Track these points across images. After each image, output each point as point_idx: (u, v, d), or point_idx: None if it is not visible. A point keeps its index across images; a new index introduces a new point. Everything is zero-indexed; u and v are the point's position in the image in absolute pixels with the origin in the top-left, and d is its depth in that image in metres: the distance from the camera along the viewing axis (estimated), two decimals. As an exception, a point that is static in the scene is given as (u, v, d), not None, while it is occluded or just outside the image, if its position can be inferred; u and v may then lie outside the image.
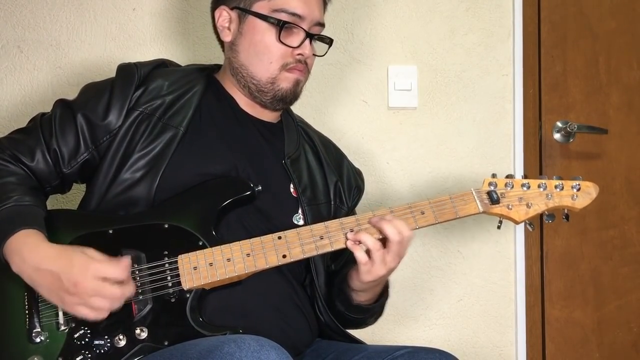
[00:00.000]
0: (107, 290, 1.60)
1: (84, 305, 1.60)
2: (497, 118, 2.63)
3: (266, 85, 1.91)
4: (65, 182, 1.90)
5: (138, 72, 1.89)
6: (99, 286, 1.59)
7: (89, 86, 1.94)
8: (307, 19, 1.89)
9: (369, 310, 1.93)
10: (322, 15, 1.94)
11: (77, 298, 1.59)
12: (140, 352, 1.64)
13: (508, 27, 2.64)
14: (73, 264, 1.61)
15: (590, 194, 1.85)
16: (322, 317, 1.92)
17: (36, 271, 1.62)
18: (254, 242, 1.74)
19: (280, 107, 1.97)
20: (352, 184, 2.11)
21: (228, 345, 1.47)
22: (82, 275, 1.60)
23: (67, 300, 1.61)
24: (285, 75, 1.90)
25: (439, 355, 1.73)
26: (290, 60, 1.89)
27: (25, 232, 1.66)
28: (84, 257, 1.63)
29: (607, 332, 2.67)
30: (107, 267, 1.62)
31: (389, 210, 1.79)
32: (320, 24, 1.94)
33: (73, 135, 1.84)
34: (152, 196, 1.79)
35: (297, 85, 1.93)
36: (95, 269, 1.60)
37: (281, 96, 1.92)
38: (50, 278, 1.61)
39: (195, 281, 1.69)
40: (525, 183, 1.84)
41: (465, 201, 1.82)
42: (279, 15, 1.87)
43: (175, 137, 1.85)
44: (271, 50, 1.88)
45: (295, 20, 1.88)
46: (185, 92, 1.91)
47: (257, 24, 1.89)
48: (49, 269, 1.61)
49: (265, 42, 1.89)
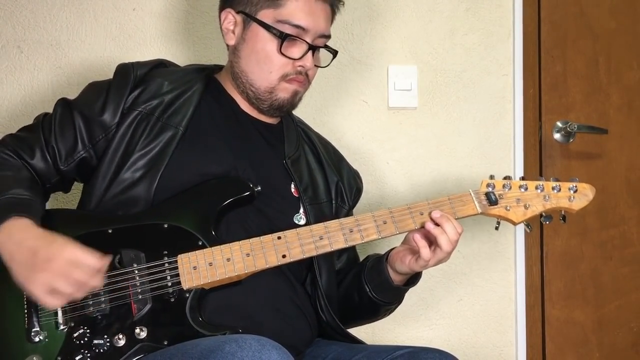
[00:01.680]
0: (74, 274, 1.59)
1: (46, 285, 1.59)
2: (497, 118, 2.63)
3: (264, 94, 1.91)
4: (65, 180, 1.91)
5: (134, 72, 1.90)
6: (69, 269, 1.58)
7: (90, 85, 1.95)
8: (311, 31, 1.87)
9: (404, 292, 1.96)
10: (327, 27, 1.92)
11: (44, 275, 1.58)
12: (139, 351, 1.64)
13: (508, 27, 2.64)
14: (52, 243, 1.62)
15: (587, 195, 1.86)
16: (324, 316, 1.92)
17: (17, 245, 1.62)
18: (253, 242, 1.74)
19: (277, 115, 1.98)
20: (353, 185, 2.12)
21: (229, 344, 1.47)
22: (58, 253, 1.59)
23: (32, 277, 1.59)
24: (285, 85, 1.90)
25: (439, 355, 1.73)
26: (290, 71, 1.88)
27: (19, 218, 1.66)
28: (66, 240, 1.63)
29: (607, 332, 2.67)
30: (84, 253, 1.61)
31: (388, 211, 1.79)
32: (325, 35, 1.92)
33: (71, 133, 1.85)
34: (152, 196, 1.79)
35: (295, 95, 1.92)
36: (71, 252, 1.60)
37: (278, 105, 1.92)
38: (27, 253, 1.61)
39: (195, 281, 1.69)
40: (523, 184, 1.86)
41: (463, 202, 1.83)
42: (282, 26, 1.86)
43: (175, 137, 1.85)
44: (272, 60, 1.87)
45: (298, 32, 1.86)
46: (184, 92, 1.91)
47: (260, 32, 1.88)
48: (29, 245, 1.61)
49: (267, 51, 1.87)
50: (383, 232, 1.78)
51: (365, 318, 2.05)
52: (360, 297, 1.95)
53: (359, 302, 1.95)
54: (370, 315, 2.03)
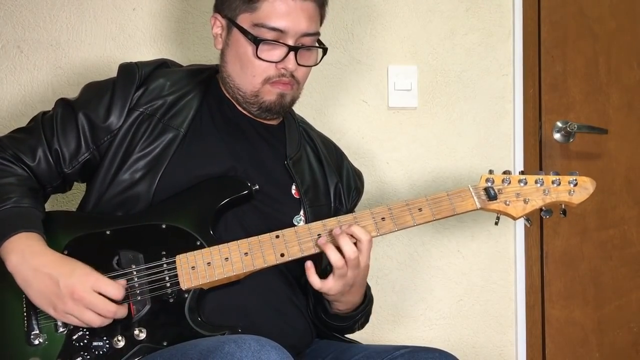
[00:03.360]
0: (102, 305, 1.61)
1: (75, 315, 1.61)
2: (497, 118, 2.63)
3: (251, 97, 1.88)
4: (67, 182, 1.90)
5: (139, 72, 1.89)
6: (95, 299, 1.61)
7: (90, 85, 1.93)
8: (291, 32, 1.82)
9: (349, 319, 1.91)
10: (310, 25, 1.84)
11: (70, 306, 1.60)
12: (139, 352, 1.64)
13: (508, 27, 2.64)
14: (73, 272, 1.63)
15: (587, 189, 1.84)
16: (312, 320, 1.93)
17: (34, 272, 1.63)
18: (251, 241, 1.73)
19: (269, 117, 1.95)
20: (352, 186, 2.10)
21: (228, 345, 1.46)
22: (81, 285, 1.61)
23: (59, 306, 1.61)
24: (268, 88, 1.86)
25: (439, 355, 1.72)
26: (273, 74, 1.84)
27: (26, 234, 1.66)
28: (86, 268, 1.64)
29: (607, 332, 2.67)
30: (106, 283, 1.63)
31: (387, 208, 1.79)
32: (310, 34, 1.85)
33: (74, 135, 1.84)
34: (151, 197, 1.79)
35: (282, 98, 1.88)
36: (95, 281, 1.62)
37: (266, 108, 1.89)
38: (47, 281, 1.62)
39: (194, 281, 1.69)
40: (522, 179, 1.84)
41: (462, 197, 1.82)
42: (258, 30, 1.81)
43: (176, 139, 1.84)
44: (253, 65, 1.84)
45: (276, 35, 1.81)
46: (186, 93, 1.90)
47: (239, 37, 1.84)
48: (49, 273, 1.62)
49: (248, 55, 1.84)
50: (381, 229, 1.78)
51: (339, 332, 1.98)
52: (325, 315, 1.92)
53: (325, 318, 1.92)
54: (341, 331, 1.97)
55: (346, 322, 1.91)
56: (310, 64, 1.91)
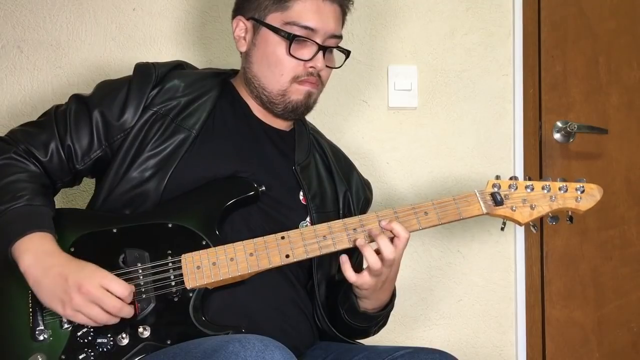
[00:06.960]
0: (108, 301, 1.61)
1: (82, 311, 1.61)
2: (497, 118, 2.63)
3: (277, 97, 1.90)
4: (77, 177, 1.91)
5: (156, 72, 1.90)
6: (102, 295, 1.61)
7: (104, 83, 1.94)
8: (320, 31, 1.87)
9: (374, 318, 1.91)
10: (337, 27, 1.91)
11: (77, 300, 1.60)
12: (142, 350, 1.64)
13: (508, 27, 2.64)
14: (83, 269, 1.64)
15: (594, 196, 1.85)
16: (320, 324, 1.93)
17: (46, 271, 1.63)
18: (257, 242, 1.73)
19: (292, 118, 1.98)
20: (361, 196, 2.11)
21: (232, 344, 1.47)
22: (89, 279, 1.61)
23: (67, 301, 1.61)
24: (297, 87, 1.89)
25: (439, 355, 1.73)
26: (301, 72, 1.88)
27: (39, 234, 1.67)
28: (95, 266, 1.65)
29: (607, 332, 2.67)
30: (114, 280, 1.63)
31: (393, 211, 1.79)
32: (336, 36, 1.91)
33: (87, 131, 1.85)
34: (159, 196, 1.80)
35: (308, 97, 1.92)
36: (102, 277, 1.62)
37: (292, 108, 1.92)
38: (57, 279, 1.62)
39: (199, 280, 1.69)
40: (529, 185, 1.84)
41: (468, 202, 1.82)
42: (290, 28, 1.86)
43: (187, 140, 1.85)
44: (282, 63, 1.87)
45: (307, 33, 1.86)
46: (200, 96, 1.91)
47: (269, 36, 1.88)
48: (60, 271, 1.63)
49: (277, 54, 1.87)
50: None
51: (355, 335, 1.98)
52: (341, 317, 1.92)
53: (341, 320, 1.93)
54: (357, 334, 1.98)
55: (371, 322, 1.92)
56: (334, 66, 1.96)
